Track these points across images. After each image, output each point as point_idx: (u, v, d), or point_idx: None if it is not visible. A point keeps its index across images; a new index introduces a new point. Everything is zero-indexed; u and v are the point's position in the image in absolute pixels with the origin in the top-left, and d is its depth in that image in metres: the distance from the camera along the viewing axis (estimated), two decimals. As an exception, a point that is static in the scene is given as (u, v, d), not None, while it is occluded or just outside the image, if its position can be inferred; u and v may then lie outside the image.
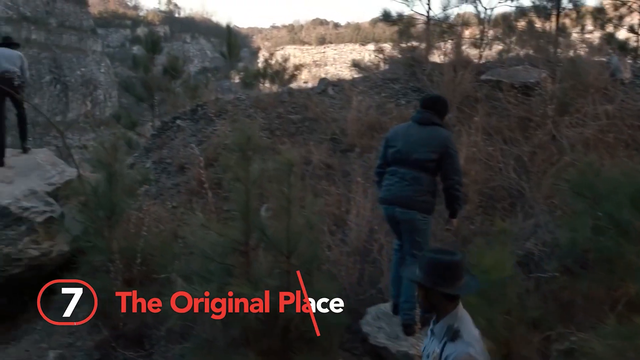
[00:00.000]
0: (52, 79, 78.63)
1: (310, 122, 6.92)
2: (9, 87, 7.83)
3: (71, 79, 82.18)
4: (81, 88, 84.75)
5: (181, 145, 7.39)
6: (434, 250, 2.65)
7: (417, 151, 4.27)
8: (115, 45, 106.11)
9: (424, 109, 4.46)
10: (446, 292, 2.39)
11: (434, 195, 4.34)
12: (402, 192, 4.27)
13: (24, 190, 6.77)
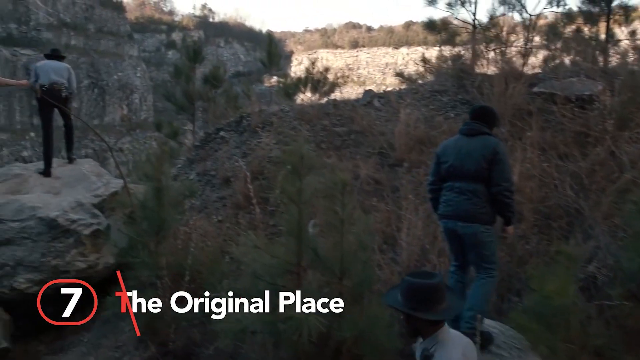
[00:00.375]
0: (90, 84, 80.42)
1: (356, 135, 6.81)
2: (57, 98, 7.93)
3: (108, 83, 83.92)
4: (118, 92, 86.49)
5: (225, 157, 7.35)
6: (413, 274, 2.62)
7: (469, 163, 4.19)
8: (150, 50, 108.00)
9: (472, 120, 4.37)
10: (424, 317, 2.39)
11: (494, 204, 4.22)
12: (462, 206, 4.19)
13: (71, 202, 6.82)
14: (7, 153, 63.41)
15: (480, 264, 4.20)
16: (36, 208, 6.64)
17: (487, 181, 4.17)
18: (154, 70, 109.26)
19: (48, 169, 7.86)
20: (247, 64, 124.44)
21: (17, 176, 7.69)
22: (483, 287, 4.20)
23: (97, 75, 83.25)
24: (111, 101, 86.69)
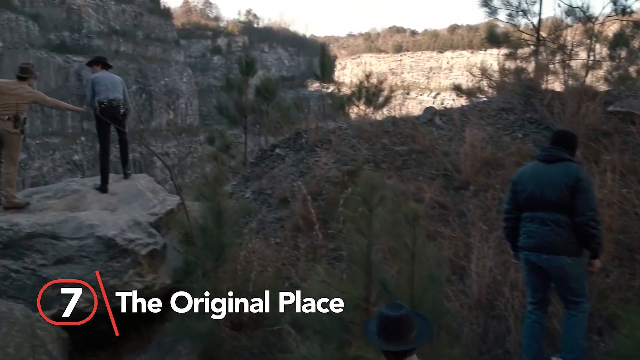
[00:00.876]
0: (138, 89, 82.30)
1: (417, 155, 6.56)
2: (116, 115, 7.96)
3: (155, 88, 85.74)
4: (164, 97, 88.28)
5: (282, 176, 7.21)
6: (385, 306, 2.78)
7: (550, 191, 3.93)
8: (196, 56, 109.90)
9: (552, 146, 4.09)
10: (395, 349, 2.57)
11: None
12: (546, 238, 3.93)
13: (128, 221, 6.79)
14: (59, 157, 65.38)
15: (569, 298, 3.96)
16: (94, 226, 6.64)
17: (571, 210, 3.89)
18: (200, 75, 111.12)
19: (105, 185, 7.89)
20: (290, 69, 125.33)
21: (75, 192, 7.74)
22: (577, 324, 3.92)
23: (145, 81, 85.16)
24: (158, 106, 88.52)
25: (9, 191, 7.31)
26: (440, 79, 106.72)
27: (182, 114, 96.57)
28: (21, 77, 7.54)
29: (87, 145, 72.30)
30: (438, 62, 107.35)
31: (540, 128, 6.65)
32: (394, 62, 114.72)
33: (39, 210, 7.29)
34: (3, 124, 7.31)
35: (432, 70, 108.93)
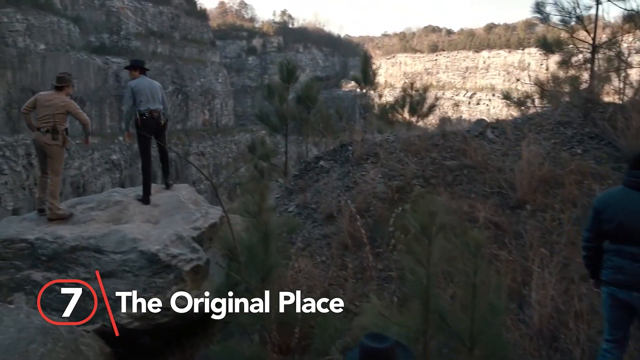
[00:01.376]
0: (175, 89, 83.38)
1: (469, 171, 6.28)
2: (157, 126, 7.88)
3: (191, 89, 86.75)
4: (200, 97, 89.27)
5: (327, 190, 7.01)
6: (366, 336, 2.70)
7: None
8: (231, 56, 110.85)
9: (636, 169, 3.71)
10: None
11: None
12: (639, 276, 3.58)
13: (171, 235, 6.70)
14: (97, 156, 66.67)
15: None
16: (137, 240, 6.57)
17: None
18: (235, 75, 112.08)
19: (147, 196, 7.83)
20: (325, 69, 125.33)
21: (117, 203, 7.69)
22: None
23: (181, 82, 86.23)
24: (194, 106, 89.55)
25: (53, 202, 7.30)
26: (476, 78, 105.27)
27: (217, 114, 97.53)
28: (58, 87, 7.52)
29: (124, 145, 73.49)
30: (474, 62, 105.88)
31: (601, 144, 6.29)
32: (429, 61, 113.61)
33: (83, 222, 7.27)
34: (42, 136, 7.29)
35: (468, 70, 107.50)
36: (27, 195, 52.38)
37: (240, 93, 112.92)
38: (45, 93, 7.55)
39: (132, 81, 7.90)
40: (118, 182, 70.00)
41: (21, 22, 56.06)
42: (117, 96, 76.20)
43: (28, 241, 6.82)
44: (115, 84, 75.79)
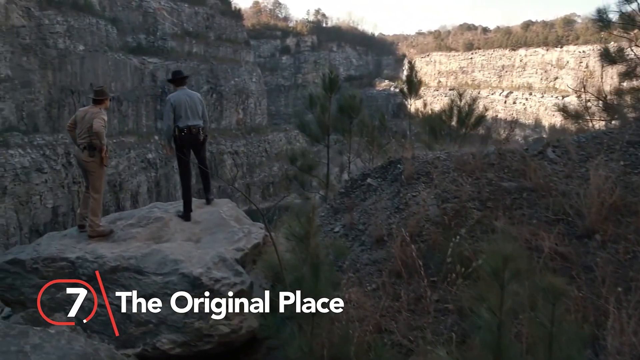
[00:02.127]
0: (209, 89, 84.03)
1: (529, 194, 5.86)
2: (195, 142, 7.67)
3: (225, 88, 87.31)
4: (234, 97, 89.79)
5: (375, 210, 6.68)
6: None
7: None
8: (265, 55, 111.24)
9: None
10: None
11: None
12: None
13: (214, 257, 6.47)
14: (134, 155, 67.56)
15: None
16: (179, 262, 6.36)
17: None
18: (269, 75, 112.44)
19: (188, 213, 7.63)
20: (359, 68, 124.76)
21: (157, 220, 7.51)
22: None
23: (216, 81, 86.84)
24: (228, 105, 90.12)
25: (94, 220, 7.15)
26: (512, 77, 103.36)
27: (251, 113, 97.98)
28: (96, 100, 7.36)
29: (160, 144, 74.34)
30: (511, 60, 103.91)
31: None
32: (465, 60, 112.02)
33: (123, 239, 7.11)
34: (80, 153, 7.15)
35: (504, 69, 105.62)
36: (66, 194, 53.43)
37: (273, 92, 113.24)
38: (83, 109, 7.40)
39: (171, 95, 7.72)
40: (153, 180, 70.98)
41: (61, 24, 57.14)
42: (153, 96, 77.30)
43: (69, 260, 6.68)
44: (151, 84, 76.79)
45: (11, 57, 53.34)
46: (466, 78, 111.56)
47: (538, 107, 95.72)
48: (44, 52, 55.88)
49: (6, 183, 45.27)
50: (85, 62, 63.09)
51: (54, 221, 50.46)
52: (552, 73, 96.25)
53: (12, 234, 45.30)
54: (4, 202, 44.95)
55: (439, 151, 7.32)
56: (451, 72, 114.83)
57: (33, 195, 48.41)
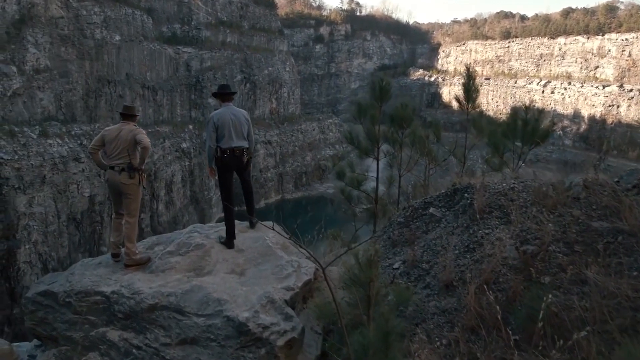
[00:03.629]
0: (243, 78, 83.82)
1: (625, 237, 5.05)
2: (238, 164, 7.07)
3: (259, 77, 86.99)
4: (268, 86, 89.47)
5: (440, 246, 5.95)
6: None
7: None
8: (299, 45, 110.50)
9: None
10: None
11: None
12: None
13: (261, 297, 5.84)
14: (168, 145, 67.74)
15: None
16: (223, 302, 5.76)
17: None
18: (302, 64, 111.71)
19: (231, 240, 7.04)
20: (393, 57, 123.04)
21: (198, 247, 6.94)
22: None
23: (250, 71, 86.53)
24: (261, 95, 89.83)
25: (129, 247, 6.62)
26: (551, 66, 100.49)
27: (284, 102, 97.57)
28: (126, 116, 6.79)
29: (194, 133, 74.60)
30: (549, 49, 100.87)
31: None
32: (501, 49, 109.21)
33: (161, 270, 6.56)
34: (117, 176, 6.59)
35: (542, 58, 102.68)
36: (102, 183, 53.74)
37: (307, 81, 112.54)
38: (112, 127, 6.83)
39: (214, 113, 7.10)
40: (187, 169, 71.19)
41: (98, 15, 57.42)
42: (188, 85, 77.43)
43: (104, 294, 6.16)
44: (186, 73, 76.89)
45: (50, 48, 53.82)
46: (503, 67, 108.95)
47: (577, 97, 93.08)
48: (82, 42, 56.26)
49: (45, 172, 45.76)
50: (121, 52, 63.35)
51: (91, 210, 50.99)
52: (593, 62, 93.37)
53: (51, 222, 45.84)
54: (42, 191, 45.47)
55: (512, 179, 6.51)
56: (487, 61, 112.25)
57: (71, 184, 48.91)
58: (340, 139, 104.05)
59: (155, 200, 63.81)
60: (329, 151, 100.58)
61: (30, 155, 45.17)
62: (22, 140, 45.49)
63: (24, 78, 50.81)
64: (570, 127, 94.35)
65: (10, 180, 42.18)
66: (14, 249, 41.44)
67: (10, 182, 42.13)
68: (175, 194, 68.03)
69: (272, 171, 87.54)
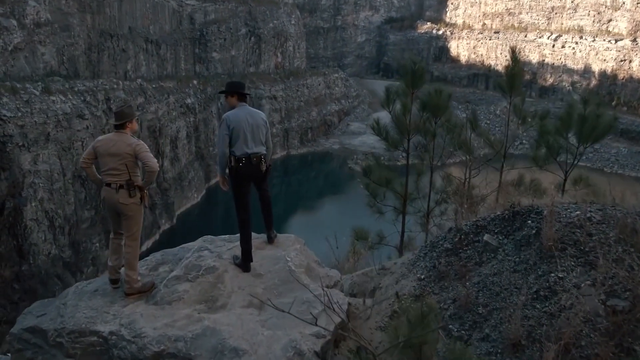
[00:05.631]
0: (247, 32, 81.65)
1: None
2: (256, 173, 6.03)
3: (264, 31, 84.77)
4: (273, 40, 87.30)
5: (500, 287, 4.96)
6: None
7: None
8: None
9: None
10: None
11: None
12: None
13: (286, 347, 4.91)
14: (173, 100, 66.42)
15: None
16: (241, 353, 4.84)
17: None
18: (307, 16, 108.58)
19: (247, 263, 6.06)
20: (400, 10, 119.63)
21: (209, 271, 5.97)
22: None
23: (254, 24, 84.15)
24: (266, 49, 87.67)
25: (130, 275, 5.67)
26: (562, 19, 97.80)
27: (289, 56, 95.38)
28: (118, 125, 5.71)
29: (199, 88, 73.11)
30: (561, 1, 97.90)
31: None
32: (511, 1, 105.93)
33: (167, 301, 5.61)
34: (114, 194, 5.56)
35: (553, 10, 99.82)
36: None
37: (312, 35, 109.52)
38: (105, 138, 5.75)
39: (229, 113, 6.00)
40: (192, 125, 70.03)
41: (99, -35, 55.31)
42: (192, 39, 75.37)
43: (101, 335, 5.25)
44: (190, 27, 74.74)
45: (50, 1, 52.04)
46: (512, 20, 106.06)
47: (588, 52, 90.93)
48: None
49: (49, 129, 44.89)
50: (123, 5, 61.27)
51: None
52: (606, 15, 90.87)
53: (56, 180, 45.30)
54: (47, 148, 44.74)
55: (588, 204, 5.45)
56: (497, 14, 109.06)
57: (75, 142, 48.11)
58: (346, 93, 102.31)
59: (160, 156, 63.02)
60: (334, 106, 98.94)
61: (34, 112, 44.22)
62: (25, 97, 44.43)
63: (25, 32, 49.29)
64: (580, 83, 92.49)
65: (14, 137, 41.38)
66: (20, 207, 41.07)
67: (14, 139, 41.34)
68: (180, 150, 67.15)
69: (277, 127, 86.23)
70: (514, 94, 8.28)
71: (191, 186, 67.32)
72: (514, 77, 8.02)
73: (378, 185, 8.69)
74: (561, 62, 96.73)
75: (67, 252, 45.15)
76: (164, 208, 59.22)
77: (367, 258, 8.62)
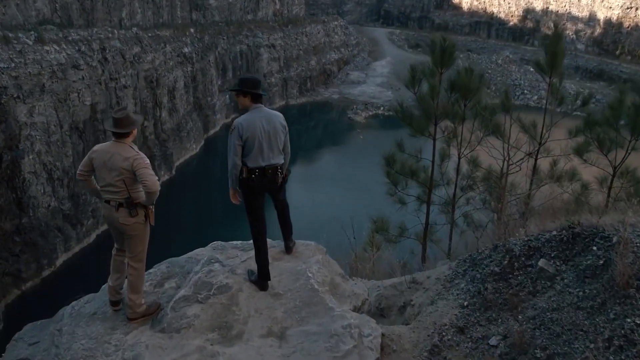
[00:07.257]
0: (244, -24, 78.76)
1: None
2: (271, 185, 5.27)
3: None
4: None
5: (561, 326, 4.28)
6: None
7: None
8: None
9: None
10: None
11: None
12: None
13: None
14: (169, 50, 64.68)
15: None
16: (263, 402, 4.22)
17: None
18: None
19: (264, 281, 5.38)
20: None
21: (222, 290, 5.30)
22: None
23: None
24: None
25: (133, 299, 4.99)
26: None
27: (288, 3, 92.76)
28: (118, 134, 4.91)
29: (196, 37, 71.14)
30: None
31: None
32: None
33: (175, 329, 4.96)
34: (114, 213, 4.81)
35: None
36: (104, 90, 51.90)
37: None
38: (101, 149, 4.93)
39: (241, 119, 5.14)
40: (190, 75, 68.46)
41: None
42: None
43: (100, 372, 4.61)
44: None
45: (39, -58, 49.70)
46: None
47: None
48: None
49: (44, 80, 43.66)
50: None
51: (93, 118, 49.34)
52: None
53: (53, 132, 44.40)
54: (42, 100, 43.65)
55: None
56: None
57: (71, 93, 46.95)
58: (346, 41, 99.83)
59: (158, 107, 61.78)
60: (334, 55, 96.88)
61: (28, 62, 42.88)
62: (18, 47, 42.97)
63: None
64: (584, 31, 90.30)
65: (8, 89, 40.27)
66: (17, 160, 40.45)
67: (8, 91, 40.24)
68: (178, 101, 65.80)
69: (276, 76, 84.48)
70: (554, 74, 7.40)
71: (190, 137, 66.37)
72: (555, 56, 7.12)
73: (404, 177, 7.93)
74: (565, 10, 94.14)
75: (66, 205, 44.70)
76: (162, 159, 58.49)
77: (385, 249, 7.94)
